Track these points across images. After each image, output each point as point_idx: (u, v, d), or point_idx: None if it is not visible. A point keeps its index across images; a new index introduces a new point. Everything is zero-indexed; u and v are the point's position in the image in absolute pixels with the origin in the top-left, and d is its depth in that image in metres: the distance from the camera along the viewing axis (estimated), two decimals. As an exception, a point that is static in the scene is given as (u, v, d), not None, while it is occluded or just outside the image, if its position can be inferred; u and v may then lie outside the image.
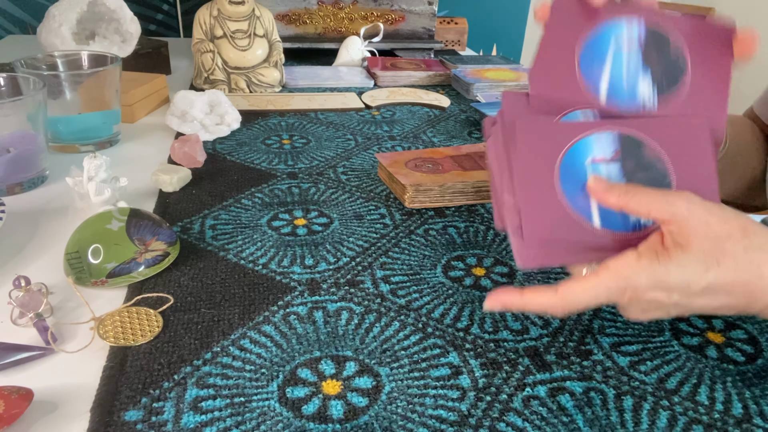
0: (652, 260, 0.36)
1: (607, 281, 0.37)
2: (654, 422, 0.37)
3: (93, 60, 0.76)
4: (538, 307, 0.38)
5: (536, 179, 0.41)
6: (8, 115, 0.61)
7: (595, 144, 0.42)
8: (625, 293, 0.37)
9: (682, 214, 0.36)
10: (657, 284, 0.36)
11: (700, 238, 0.36)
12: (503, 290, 0.39)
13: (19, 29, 1.43)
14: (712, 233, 0.36)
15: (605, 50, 0.42)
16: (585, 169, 0.41)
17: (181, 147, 0.70)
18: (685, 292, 0.36)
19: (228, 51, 0.97)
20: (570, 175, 0.41)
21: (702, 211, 0.36)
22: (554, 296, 0.37)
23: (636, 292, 0.36)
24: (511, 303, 0.39)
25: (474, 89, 1.03)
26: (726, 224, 0.36)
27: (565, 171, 0.41)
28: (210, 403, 0.37)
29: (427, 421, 0.37)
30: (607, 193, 0.39)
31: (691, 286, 0.36)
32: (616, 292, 0.37)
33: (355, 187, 0.68)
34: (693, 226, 0.36)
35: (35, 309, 0.43)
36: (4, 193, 0.62)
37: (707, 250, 0.36)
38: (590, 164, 0.41)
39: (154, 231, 0.52)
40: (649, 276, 0.36)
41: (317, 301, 0.48)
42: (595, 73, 0.42)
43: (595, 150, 0.41)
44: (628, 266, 0.36)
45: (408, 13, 1.25)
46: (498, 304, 0.39)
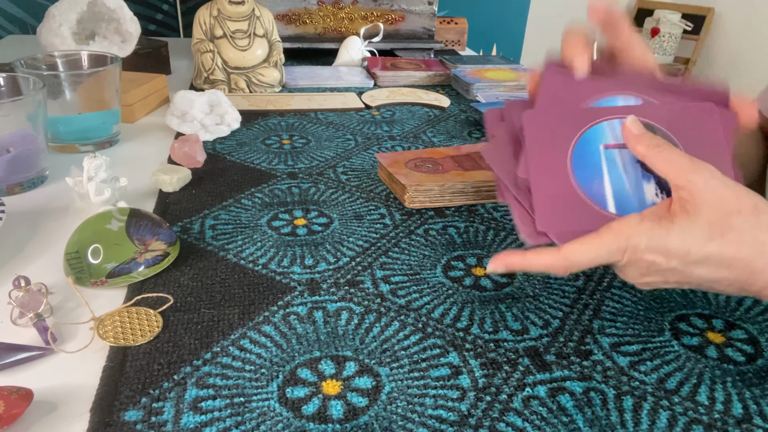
0: (654, 223, 0.37)
1: (608, 240, 0.37)
2: (654, 422, 0.37)
3: (93, 60, 0.76)
4: (540, 266, 0.39)
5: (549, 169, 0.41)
6: (8, 115, 0.61)
7: (608, 130, 0.42)
8: (625, 253, 0.37)
9: (699, 184, 0.36)
10: (656, 247, 0.36)
11: (708, 209, 0.36)
12: (506, 252, 0.40)
13: (19, 29, 1.43)
14: (723, 206, 0.36)
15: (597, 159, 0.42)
16: (599, 155, 0.42)
17: (181, 147, 0.70)
18: (684, 259, 0.36)
19: (228, 51, 0.97)
20: (583, 162, 0.41)
21: (718, 184, 0.37)
22: (557, 255, 0.38)
23: (635, 253, 0.37)
24: (514, 263, 0.40)
25: (474, 89, 1.03)
26: (738, 200, 0.36)
27: (578, 158, 0.42)
28: (210, 403, 0.37)
29: (427, 421, 0.37)
30: (637, 140, 0.39)
31: (691, 253, 0.36)
32: (616, 252, 0.37)
33: (355, 187, 0.68)
34: (705, 196, 0.36)
35: (35, 309, 0.43)
36: (4, 193, 0.62)
37: (713, 221, 0.36)
38: (603, 150, 0.42)
39: (154, 231, 0.52)
40: (648, 237, 0.36)
41: (317, 301, 0.48)
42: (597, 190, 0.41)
43: (608, 136, 0.42)
44: (630, 227, 0.37)
45: (408, 13, 1.25)
46: (501, 265, 0.40)
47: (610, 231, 0.37)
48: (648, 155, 0.39)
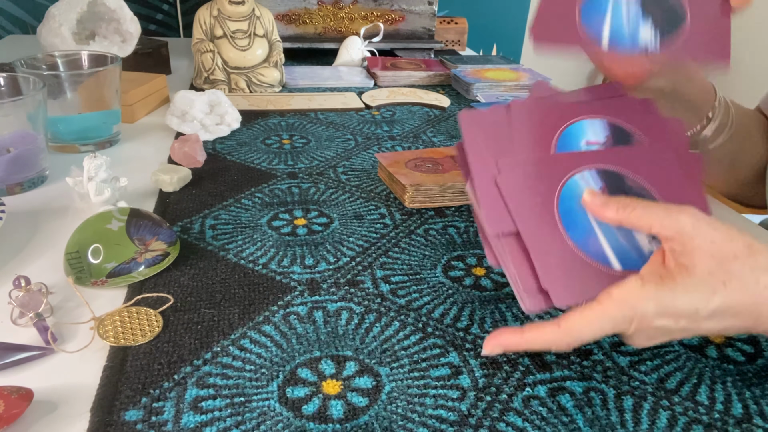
0: (657, 285, 0.35)
1: (612, 311, 0.35)
2: (654, 422, 0.37)
3: (93, 60, 0.76)
4: (541, 344, 0.37)
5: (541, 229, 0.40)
6: (8, 115, 0.61)
7: (581, 182, 0.42)
8: (632, 322, 0.35)
9: (687, 230, 0.35)
10: (665, 311, 0.35)
11: (705, 258, 0.35)
12: (501, 331, 0.38)
13: (19, 29, 1.43)
14: (718, 253, 0.35)
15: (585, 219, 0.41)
16: (584, 211, 0.40)
17: (181, 147, 0.70)
18: (693, 318, 0.35)
19: (228, 51, 0.97)
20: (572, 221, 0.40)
21: (707, 228, 0.35)
22: (558, 331, 0.36)
23: (643, 321, 0.35)
24: (512, 344, 0.37)
25: (474, 89, 1.03)
26: (732, 243, 0.35)
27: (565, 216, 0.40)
28: (210, 403, 0.37)
29: (427, 421, 0.37)
30: (604, 208, 0.38)
31: (699, 311, 0.35)
32: (622, 322, 0.35)
33: (355, 187, 0.68)
34: (698, 244, 0.35)
35: (35, 309, 0.43)
36: (4, 193, 0.62)
37: (713, 271, 0.34)
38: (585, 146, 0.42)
39: (154, 231, 0.52)
40: (656, 303, 0.35)
41: (317, 301, 0.48)
42: (597, 22, 0.43)
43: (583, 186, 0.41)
44: (633, 294, 0.35)
45: (408, 13, 1.25)
46: (498, 347, 0.38)
47: (611, 300, 0.35)
48: (621, 218, 0.37)
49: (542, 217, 0.40)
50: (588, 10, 0.43)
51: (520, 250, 0.39)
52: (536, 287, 0.39)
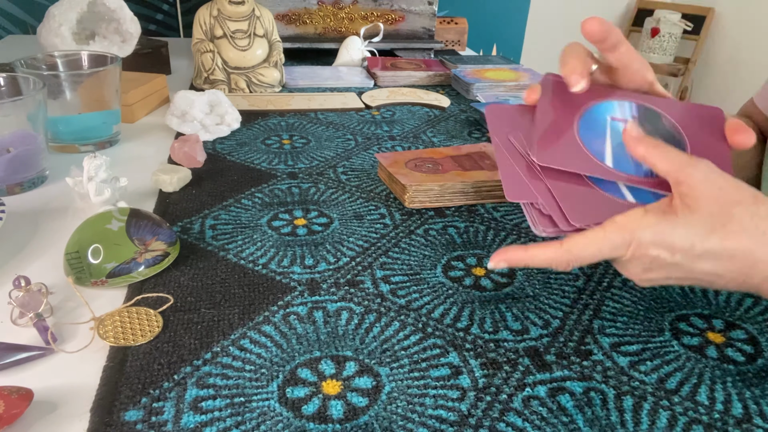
0: (658, 217, 0.37)
1: (612, 234, 0.37)
2: (654, 422, 0.37)
3: (93, 60, 0.76)
4: (542, 261, 0.38)
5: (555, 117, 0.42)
6: (8, 115, 0.61)
7: (617, 107, 0.44)
8: (629, 247, 0.37)
9: (698, 177, 0.36)
10: (661, 241, 0.36)
11: (709, 201, 0.36)
12: (507, 248, 0.40)
13: (19, 29, 1.44)
14: (723, 197, 0.36)
15: (602, 126, 0.43)
16: (605, 123, 0.43)
17: (181, 147, 0.70)
18: (688, 253, 0.36)
19: (228, 51, 0.97)
20: (589, 125, 0.43)
21: (717, 177, 0.37)
22: (559, 249, 0.38)
23: (639, 248, 0.37)
24: (516, 259, 0.39)
25: (474, 89, 1.03)
26: (738, 191, 0.36)
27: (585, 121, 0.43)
28: (210, 403, 0.37)
29: (427, 421, 0.37)
30: (637, 142, 0.39)
31: (695, 246, 0.36)
32: (621, 246, 0.37)
33: (355, 187, 0.68)
34: (705, 188, 0.36)
35: (35, 309, 0.43)
36: (4, 193, 0.62)
37: (715, 212, 0.36)
38: (610, 120, 0.43)
39: (154, 231, 0.52)
40: (654, 232, 0.36)
41: (317, 301, 0.48)
42: (597, 147, 0.43)
43: (617, 112, 0.43)
44: (634, 220, 0.37)
45: (408, 13, 1.25)
46: (502, 260, 0.39)
47: (613, 224, 0.37)
48: (647, 155, 0.39)
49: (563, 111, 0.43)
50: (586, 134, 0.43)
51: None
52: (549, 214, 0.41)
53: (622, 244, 0.37)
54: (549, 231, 0.41)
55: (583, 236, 0.38)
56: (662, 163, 0.38)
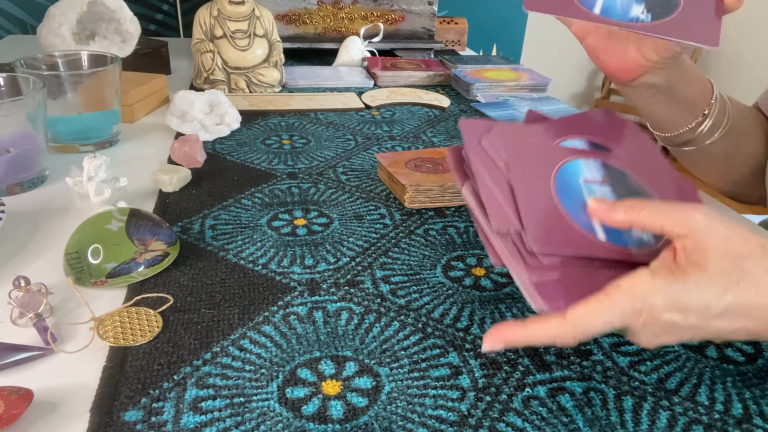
0: (668, 279, 0.34)
1: (620, 302, 0.34)
2: (654, 422, 0.37)
3: (93, 60, 0.76)
4: (545, 338, 0.35)
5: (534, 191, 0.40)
6: (8, 115, 0.61)
7: (585, 167, 0.42)
8: (641, 315, 0.34)
9: (700, 228, 0.34)
10: (675, 305, 0.34)
11: (719, 257, 0.34)
12: (502, 326, 0.36)
13: (19, 29, 1.44)
14: (732, 251, 0.34)
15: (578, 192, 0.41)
16: (580, 188, 0.41)
17: (181, 147, 0.70)
18: (703, 315, 0.34)
19: (228, 51, 0.97)
20: (566, 193, 0.40)
21: (720, 227, 0.34)
22: (563, 323, 0.34)
23: (652, 313, 0.34)
24: (515, 338, 0.35)
25: (474, 89, 1.03)
26: (746, 242, 0.34)
27: (560, 188, 0.41)
28: (210, 403, 0.37)
29: (427, 421, 0.37)
30: (611, 211, 0.37)
31: (710, 307, 0.34)
32: (631, 314, 0.34)
33: (355, 187, 0.68)
34: (711, 242, 0.34)
35: (35, 309, 0.43)
36: (4, 193, 0.62)
37: (726, 270, 0.34)
38: (584, 184, 0.42)
39: (153, 231, 0.52)
40: (666, 295, 0.34)
41: (317, 301, 0.48)
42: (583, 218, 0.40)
43: (585, 172, 0.42)
44: (643, 285, 0.34)
45: (408, 13, 1.25)
46: (499, 342, 0.36)
47: (619, 291, 0.34)
48: (630, 219, 0.36)
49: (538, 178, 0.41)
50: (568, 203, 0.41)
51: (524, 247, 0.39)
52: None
53: (633, 312, 0.34)
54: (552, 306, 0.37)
55: (587, 306, 0.34)
56: (651, 220, 0.36)
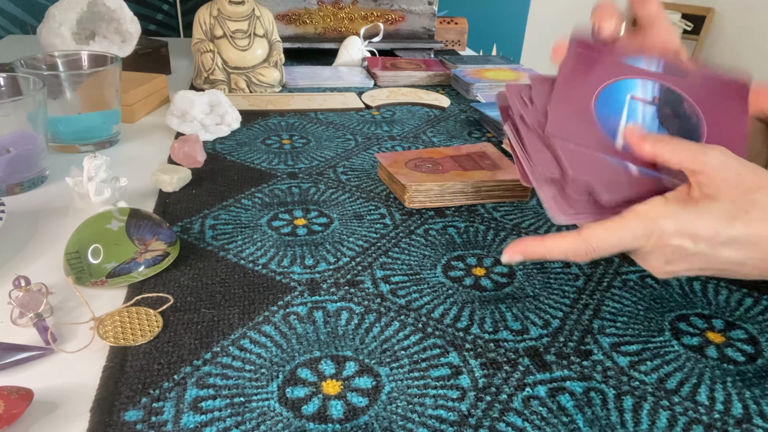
0: (679, 206, 0.36)
1: (633, 224, 0.36)
2: (654, 422, 0.37)
3: (93, 60, 0.76)
4: (560, 252, 0.37)
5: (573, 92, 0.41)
6: (8, 115, 0.61)
7: (639, 86, 0.43)
8: (651, 237, 0.36)
9: (714, 164, 0.36)
10: (684, 230, 0.36)
11: (730, 188, 0.35)
12: (522, 240, 0.38)
13: (19, 29, 1.43)
14: (743, 183, 0.35)
15: (620, 104, 0.43)
16: (623, 102, 0.42)
17: (181, 147, 0.70)
18: (711, 241, 0.36)
19: (228, 51, 0.97)
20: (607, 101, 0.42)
21: (734, 162, 0.36)
22: (577, 239, 0.37)
23: (662, 237, 0.36)
24: (532, 250, 0.38)
25: (474, 89, 1.03)
26: (757, 176, 0.36)
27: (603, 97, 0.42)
28: (210, 403, 0.37)
29: (427, 421, 0.37)
30: (641, 141, 0.39)
31: (718, 233, 0.35)
32: (642, 236, 0.36)
33: (355, 187, 0.68)
34: (723, 175, 0.36)
35: (35, 309, 0.43)
36: (4, 193, 0.62)
37: (736, 199, 0.35)
38: (629, 99, 0.42)
39: (154, 231, 0.52)
40: (676, 221, 0.36)
41: (317, 301, 0.48)
42: (611, 125, 0.42)
43: (638, 91, 0.43)
44: (656, 210, 0.36)
45: (408, 13, 1.25)
46: (518, 253, 0.38)
47: (634, 214, 0.36)
48: (656, 151, 0.38)
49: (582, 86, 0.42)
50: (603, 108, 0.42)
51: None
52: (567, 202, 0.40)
53: (644, 234, 0.36)
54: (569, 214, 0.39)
55: (602, 226, 0.37)
56: (673, 156, 0.37)
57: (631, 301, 0.49)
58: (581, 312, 0.48)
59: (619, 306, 0.49)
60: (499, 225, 0.61)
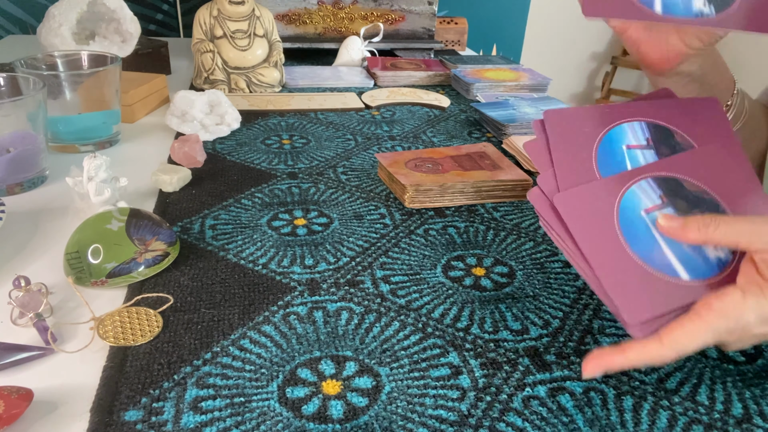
0: (758, 296, 0.36)
1: (714, 323, 0.36)
2: (654, 422, 0.37)
3: (93, 60, 0.76)
4: (644, 362, 0.37)
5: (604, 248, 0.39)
6: (8, 115, 0.61)
7: (628, 131, 0.42)
8: (734, 333, 0.36)
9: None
10: (765, 317, 0.36)
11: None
12: (602, 352, 0.37)
13: (19, 29, 1.43)
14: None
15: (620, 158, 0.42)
16: (623, 154, 0.41)
17: (181, 147, 0.70)
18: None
19: (228, 51, 0.97)
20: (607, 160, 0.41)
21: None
22: (660, 347, 0.36)
23: (745, 331, 0.36)
24: (615, 365, 0.37)
25: (474, 89, 1.03)
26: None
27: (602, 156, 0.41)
28: (210, 403, 0.37)
29: (427, 421, 0.37)
30: (684, 230, 0.38)
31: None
32: (725, 333, 0.36)
33: (355, 187, 0.68)
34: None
35: (35, 309, 0.43)
36: (4, 193, 0.62)
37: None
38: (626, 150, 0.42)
39: (154, 231, 0.52)
40: (758, 314, 0.35)
41: (317, 301, 0.48)
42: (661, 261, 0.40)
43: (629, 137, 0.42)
44: (736, 306, 0.36)
45: (408, 13, 1.25)
46: (599, 368, 0.37)
47: (713, 312, 0.36)
48: (704, 237, 0.37)
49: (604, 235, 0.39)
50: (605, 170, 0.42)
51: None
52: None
53: (727, 330, 0.36)
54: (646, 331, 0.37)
55: (682, 328, 0.36)
56: (726, 238, 0.37)
57: (631, 301, 0.49)
58: (581, 312, 0.48)
59: (619, 306, 0.49)
60: (499, 225, 0.61)
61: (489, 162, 0.69)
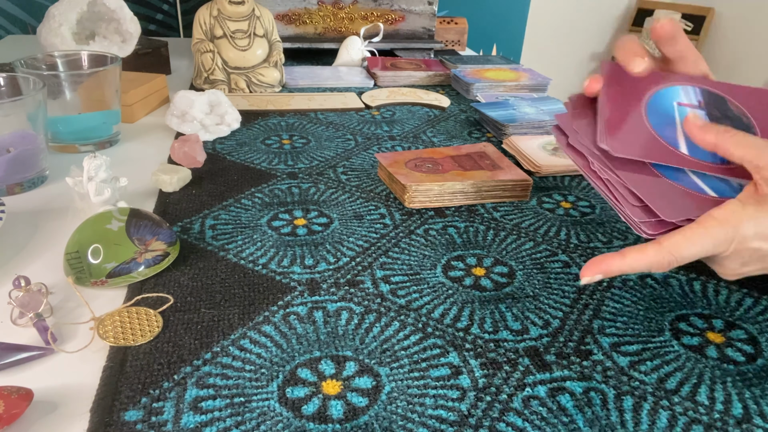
0: (757, 208, 0.36)
1: (713, 231, 0.36)
2: (654, 422, 0.37)
3: (93, 60, 0.76)
4: (643, 266, 0.37)
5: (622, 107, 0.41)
6: (8, 115, 0.61)
7: (682, 93, 0.43)
8: (732, 243, 0.36)
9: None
10: (764, 233, 0.36)
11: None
12: (601, 257, 0.38)
13: (19, 29, 1.43)
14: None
15: (670, 112, 0.42)
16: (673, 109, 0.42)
17: (181, 147, 0.70)
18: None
19: (228, 51, 0.97)
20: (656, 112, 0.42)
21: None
22: (660, 251, 0.37)
23: (742, 242, 0.36)
24: (613, 268, 0.37)
25: (474, 89, 1.03)
26: None
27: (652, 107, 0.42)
28: (210, 403, 0.37)
29: (427, 421, 0.37)
30: (703, 131, 0.38)
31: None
32: (724, 242, 0.36)
33: (355, 187, 0.68)
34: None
35: (35, 309, 0.43)
36: (4, 193, 0.62)
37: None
38: (677, 106, 0.42)
39: (154, 231, 0.52)
40: (756, 224, 0.36)
41: (317, 301, 0.48)
42: (669, 134, 0.41)
43: (682, 97, 0.43)
44: (735, 215, 0.36)
45: (408, 13, 1.25)
46: (598, 272, 0.38)
47: (713, 220, 0.36)
48: (719, 143, 0.38)
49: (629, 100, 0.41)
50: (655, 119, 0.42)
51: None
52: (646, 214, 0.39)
53: (725, 240, 0.36)
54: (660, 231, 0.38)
55: (683, 235, 0.36)
56: (737, 149, 0.37)
57: (631, 301, 0.49)
58: (581, 312, 0.48)
59: (619, 306, 0.49)
60: (499, 225, 0.61)
61: (489, 162, 0.69)
